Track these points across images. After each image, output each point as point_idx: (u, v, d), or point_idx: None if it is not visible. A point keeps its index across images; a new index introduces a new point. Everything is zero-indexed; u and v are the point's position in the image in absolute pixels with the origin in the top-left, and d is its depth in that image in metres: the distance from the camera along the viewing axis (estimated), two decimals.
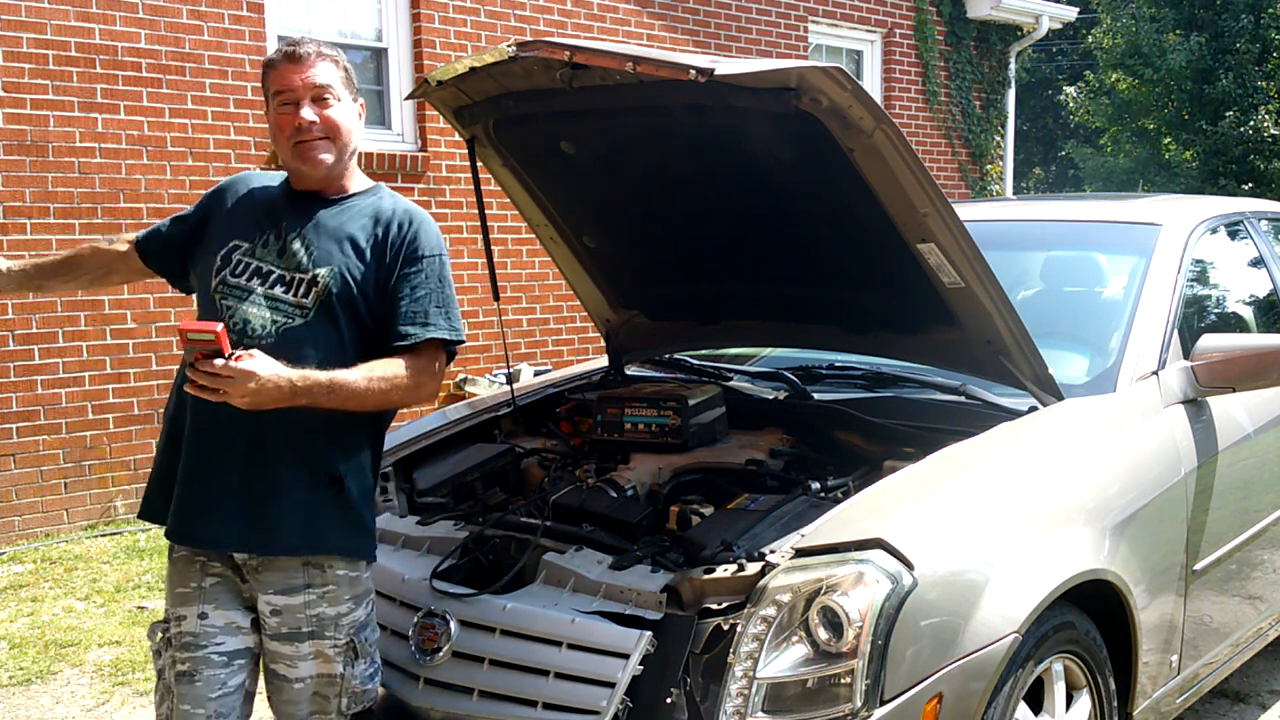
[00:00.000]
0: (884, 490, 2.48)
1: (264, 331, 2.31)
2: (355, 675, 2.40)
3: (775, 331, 3.57)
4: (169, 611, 2.42)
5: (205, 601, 2.36)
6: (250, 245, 2.39)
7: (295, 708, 2.40)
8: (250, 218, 2.43)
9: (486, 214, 3.28)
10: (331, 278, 2.35)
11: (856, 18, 10.07)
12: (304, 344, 2.31)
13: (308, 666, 2.38)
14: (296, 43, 2.39)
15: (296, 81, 2.34)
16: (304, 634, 2.36)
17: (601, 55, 2.49)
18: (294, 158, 2.37)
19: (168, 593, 2.44)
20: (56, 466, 6.01)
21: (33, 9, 5.84)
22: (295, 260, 2.37)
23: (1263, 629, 3.56)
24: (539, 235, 3.54)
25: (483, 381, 7.33)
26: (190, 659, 2.34)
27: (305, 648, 2.37)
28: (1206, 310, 3.70)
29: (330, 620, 2.37)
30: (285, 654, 2.37)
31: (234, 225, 2.43)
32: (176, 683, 2.35)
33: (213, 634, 2.34)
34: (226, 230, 2.43)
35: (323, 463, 2.35)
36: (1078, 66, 22.99)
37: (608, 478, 2.91)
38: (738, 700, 2.15)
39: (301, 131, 2.34)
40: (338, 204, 2.43)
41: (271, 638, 2.38)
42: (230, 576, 2.39)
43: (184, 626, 2.36)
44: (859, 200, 2.68)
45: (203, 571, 2.38)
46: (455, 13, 7.47)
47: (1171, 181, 15.09)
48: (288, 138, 2.35)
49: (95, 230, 6.05)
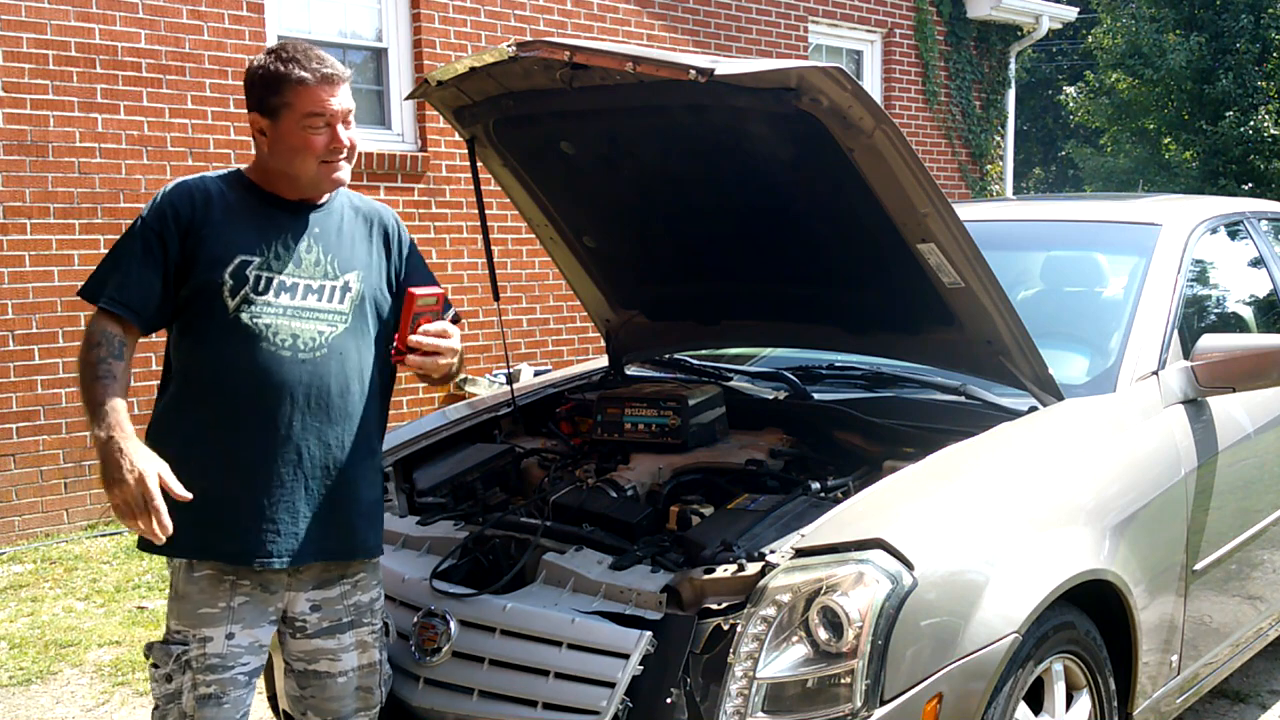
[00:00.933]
0: (884, 490, 2.48)
1: (315, 344, 2.34)
2: (385, 661, 2.50)
3: (775, 331, 3.57)
4: (186, 632, 2.31)
5: (233, 622, 2.31)
6: (261, 259, 2.32)
7: (341, 704, 2.44)
8: (244, 231, 2.34)
9: (486, 214, 3.29)
10: (362, 281, 2.42)
11: (856, 18, 10.07)
12: (349, 350, 2.38)
13: (350, 659, 2.43)
14: (317, 58, 2.34)
15: (333, 105, 2.32)
16: (345, 625, 2.42)
17: (601, 55, 2.49)
18: (320, 175, 2.36)
19: (184, 612, 2.32)
20: (56, 466, 6.01)
21: (33, 9, 5.84)
22: (320, 269, 2.38)
23: (1263, 629, 3.56)
24: (539, 235, 3.54)
25: (483, 381, 7.32)
26: (217, 681, 2.29)
27: (347, 639, 2.42)
28: (1206, 310, 3.70)
29: (365, 607, 2.46)
30: (329, 649, 2.41)
31: (230, 241, 2.31)
32: (200, 706, 2.28)
33: (239, 654, 2.31)
34: (223, 248, 2.30)
35: (377, 461, 2.48)
36: (1078, 66, 22.98)
37: (608, 478, 2.91)
38: (738, 700, 2.15)
39: (335, 152, 2.35)
40: (324, 208, 2.45)
41: (313, 635, 2.41)
42: (259, 593, 2.34)
43: (209, 648, 2.29)
44: (859, 200, 2.68)
45: (232, 590, 2.31)
46: (455, 13, 7.47)
47: (1171, 181, 15.07)
48: (316, 156, 2.33)
49: (95, 230, 6.05)
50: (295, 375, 2.31)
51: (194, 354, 2.33)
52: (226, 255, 2.31)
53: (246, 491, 2.29)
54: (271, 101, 2.31)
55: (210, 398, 2.31)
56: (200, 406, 2.31)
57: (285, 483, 2.31)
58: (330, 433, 2.35)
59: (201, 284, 2.30)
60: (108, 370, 2.23)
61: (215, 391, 2.30)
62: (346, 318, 2.38)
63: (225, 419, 2.29)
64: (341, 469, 2.37)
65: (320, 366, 2.34)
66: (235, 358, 2.29)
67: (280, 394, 2.30)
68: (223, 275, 2.29)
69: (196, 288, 2.30)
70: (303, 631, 2.40)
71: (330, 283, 2.38)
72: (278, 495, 2.30)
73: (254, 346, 2.29)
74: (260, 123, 2.34)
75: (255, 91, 2.34)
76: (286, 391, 2.30)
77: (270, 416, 2.29)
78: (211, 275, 2.30)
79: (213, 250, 2.31)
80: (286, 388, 2.30)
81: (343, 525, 2.39)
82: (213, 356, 2.30)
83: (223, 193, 2.37)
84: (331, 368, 2.35)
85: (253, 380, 2.29)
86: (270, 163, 2.37)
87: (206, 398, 2.31)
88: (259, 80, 2.33)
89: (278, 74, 2.30)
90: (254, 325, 2.29)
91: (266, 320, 2.30)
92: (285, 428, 2.30)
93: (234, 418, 2.29)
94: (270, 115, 2.32)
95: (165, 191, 2.36)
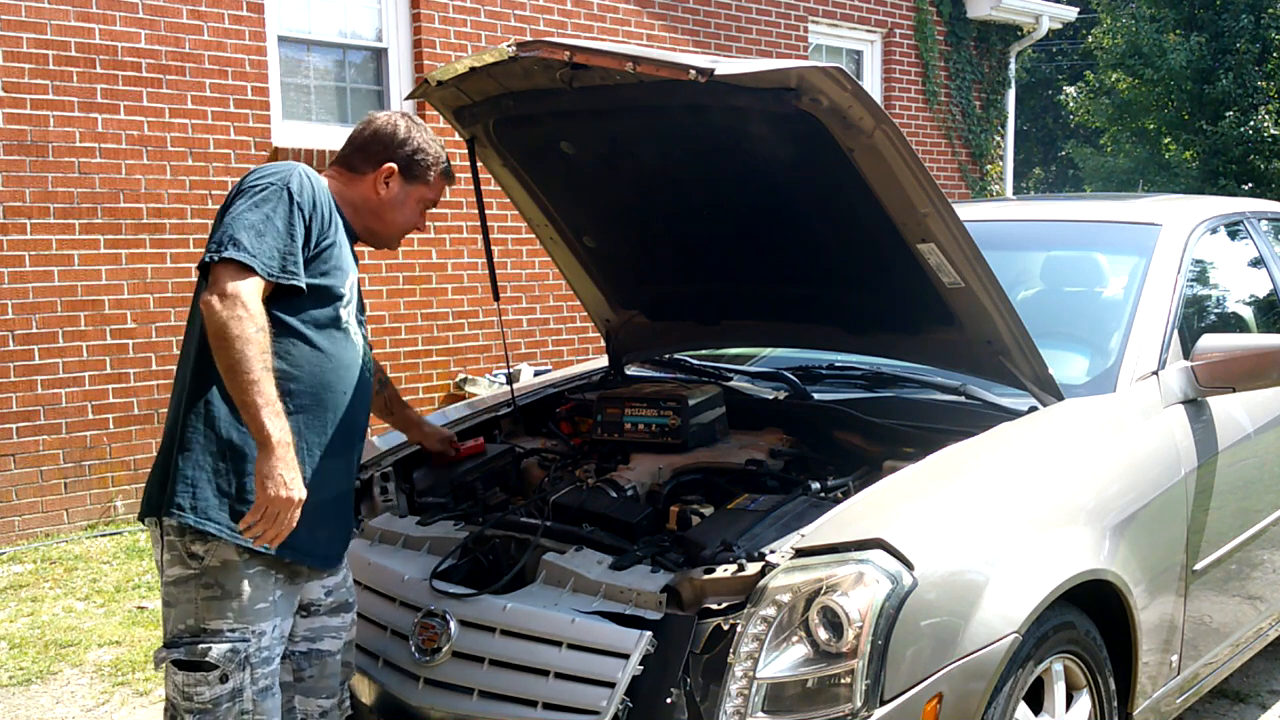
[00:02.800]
0: (884, 490, 2.48)
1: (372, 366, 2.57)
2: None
3: (775, 331, 3.57)
4: (244, 629, 2.27)
5: (277, 614, 2.37)
6: (353, 281, 2.46)
7: (333, 680, 2.58)
8: (349, 249, 2.47)
9: (486, 214, 3.29)
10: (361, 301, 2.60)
11: (856, 18, 10.07)
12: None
13: (347, 634, 2.59)
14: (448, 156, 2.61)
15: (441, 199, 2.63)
16: (350, 604, 2.59)
17: (601, 55, 2.49)
18: (396, 240, 2.61)
19: (240, 609, 2.27)
20: (56, 466, 6.01)
21: (33, 9, 5.84)
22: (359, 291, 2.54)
23: (1263, 629, 3.56)
24: (539, 235, 3.54)
25: (483, 381, 7.33)
26: (271, 672, 2.35)
27: (349, 617, 2.59)
28: (1206, 310, 3.70)
29: (351, 587, 2.63)
30: (334, 626, 2.55)
31: (346, 253, 2.44)
32: (261, 699, 2.31)
33: (276, 644, 2.37)
34: (345, 259, 2.42)
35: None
36: (1078, 66, 22.99)
37: (608, 478, 2.91)
38: (738, 700, 2.15)
39: (415, 231, 2.63)
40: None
41: (323, 614, 2.54)
42: (288, 585, 2.40)
43: (264, 641, 2.32)
44: (859, 200, 2.68)
45: (275, 584, 2.35)
46: (455, 13, 7.47)
47: (1171, 181, 15.08)
48: (405, 228, 2.59)
49: (95, 230, 6.06)
50: (369, 384, 2.53)
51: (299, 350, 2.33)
52: (346, 267, 2.42)
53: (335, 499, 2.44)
54: (416, 167, 2.51)
55: (311, 397, 2.35)
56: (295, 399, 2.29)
57: (348, 489, 2.51)
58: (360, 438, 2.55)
59: (328, 287, 2.36)
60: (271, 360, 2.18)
61: (319, 392, 2.36)
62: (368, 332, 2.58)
63: (323, 423, 2.37)
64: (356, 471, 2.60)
65: (369, 383, 2.55)
66: (345, 365, 2.41)
67: (363, 407, 2.50)
68: (344, 286, 2.40)
69: (322, 289, 2.35)
70: (315, 613, 2.52)
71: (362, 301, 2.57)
72: (349, 500, 2.53)
73: (356, 357, 2.44)
74: (394, 178, 2.50)
75: (407, 150, 2.50)
76: (366, 405, 2.51)
77: (354, 427, 2.46)
78: (336, 282, 2.39)
79: (339, 258, 2.40)
80: (365, 402, 2.51)
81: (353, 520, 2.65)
82: (322, 358, 2.36)
83: (330, 201, 2.42)
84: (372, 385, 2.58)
85: (351, 392, 2.42)
86: (369, 202, 2.51)
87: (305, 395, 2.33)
88: (419, 146, 2.51)
89: (438, 156, 2.56)
90: (355, 339, 2.45)
91: (361, 331, 2.49)
92: (360, 438, 2.51)
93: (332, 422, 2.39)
94: (409, 179, 2.52)
95: (307, 176, 2.34)
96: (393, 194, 2.51)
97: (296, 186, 2.29)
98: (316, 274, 2.33)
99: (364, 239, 2.57)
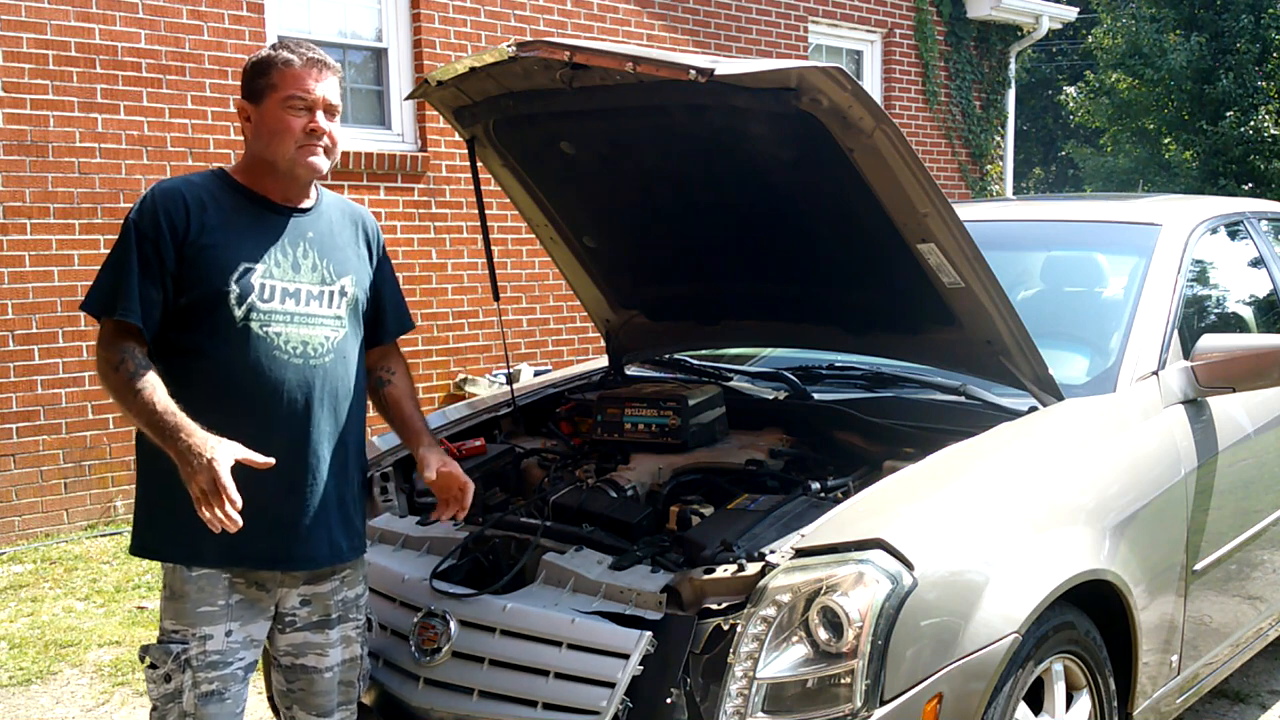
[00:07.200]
0: (884, 490, 2.48)
1: (324, 349, 2.37)
2: (365, 656, 2.54)
3: (775, 332, 3.57)
4: (185, 631, 2.30)
5: (231, 619, 2.32)
6: (264, 267, 2.31)
7: (326, 699, 2.47)
8: (243, 237, 2.31)
9: (486, 214, 3.29)
10: (355, 286, 2.46)
11: (856, 18, 10.07)
12: (350, 353, 2.44)
13: (336, 653, 2.47)
14: (308, 47, 2.37)
15: (315, 90, 2.33)
16: (333, 620, 2.46)
17: (601, 55, 2.49)
18: (296, 159, 2.33)
19: (182, 612, 2.31)
20: (56, 466, 6.01)
21: (33, 9, 5.84)
22: (317, 274, 2.39)
23: (1263, 629, 3.56)
24: (539, 235, 3.54)
25: (483, 382, 7.33)
26: (219, 677, 2.31)
27: (334, 634, 2.46)
28: (1206, 310, 3.70)
29: (352, 603, 2.50)
30: (316, 643, 2.45)
31: (232, 248, 2.29)
32: (203, 703, 2.29)
33: (236, 650, 2.33)
34: (224, 255, 2.28)
35: (364, 462, 2.55)
36: (1078, 66, 22.98)
37: (608, 478, 2.91)
38: (738, 700, 2.15)
39: (313, 136, 2.33)
40: (312, 212, 2.45)
41: (302, 628, 2.44)
42: (255, 590, 2.35)
43: (209, 646, 2.30)
44: (859, 200, 2.68)
45: (230, 589, 2.32)
46: (455, 13, 7.47)
47: (1171, 181, 15.07)
48: (294, 138, 2.32)
49: (95, 230, 6.05)
50: (310, 380, 2.34)
51: (197, 364, 2.28)
52: (230, 263, 2.28)
53: (270, 499, 2.28)
54: (257, 84, 2.35)
55: (220, 408, 2.24)
56: (206, 416, 2.20)
57: (305, 487, 2.34)
58: (340, 435, 2.40)
59: (205, 293, 2.27)
60: (145, 383, 2.19)
61: (226, 401, 2.26)
62: (344, 322, 2.43)
63: (238, 428, 2.21)
64: (346, 470, 2.44)
65: (330, 371, 2.38)
66: (249, 367, 2.27)
67: (297, 400, 2.32)
68: (228, 284, 2.27)
69: (199, 297, 2.27)
70: (292, 625, 2.44)
71: (328, 288, 2.40)
72: (299, 501, 2.33)
73: (267, 355, 2.29)
74: (246, 108, 2.37)
75: (245, 79, 2.39)
76: (304, 397, 2.33)
77: (289, 423, 2.31)
78: (217, 284, 2.26)
79: (216, 258, 2.27)
80: (304, 393, 2.33)
81: (349, 524, 2.45)
82: (222, 366, 2.27)
83: (214, 197, 2.33)
84: (339, 371, 2.40)
85: (270, 388, 2.29)
86: (252, 147, 2.37)
87: (215, 408, 2.23)
88: (250, 67, 2.38)
89: (267, 59, 2.36)
90: (265, 334, 2.29)
91: (275, 328, 2.31)
92: (304, 433, 2.33)
93: (251, 427, 2.24)
94: (254, 98, 2.36)
95: (153, 197, 2.29)
96: (256, 124, 2.35)
97: (136, 214, 2.27)
98: (193, 282, 2.26)
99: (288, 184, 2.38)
